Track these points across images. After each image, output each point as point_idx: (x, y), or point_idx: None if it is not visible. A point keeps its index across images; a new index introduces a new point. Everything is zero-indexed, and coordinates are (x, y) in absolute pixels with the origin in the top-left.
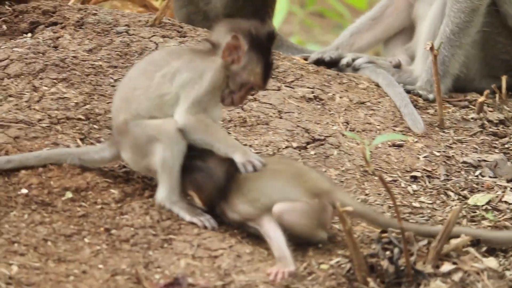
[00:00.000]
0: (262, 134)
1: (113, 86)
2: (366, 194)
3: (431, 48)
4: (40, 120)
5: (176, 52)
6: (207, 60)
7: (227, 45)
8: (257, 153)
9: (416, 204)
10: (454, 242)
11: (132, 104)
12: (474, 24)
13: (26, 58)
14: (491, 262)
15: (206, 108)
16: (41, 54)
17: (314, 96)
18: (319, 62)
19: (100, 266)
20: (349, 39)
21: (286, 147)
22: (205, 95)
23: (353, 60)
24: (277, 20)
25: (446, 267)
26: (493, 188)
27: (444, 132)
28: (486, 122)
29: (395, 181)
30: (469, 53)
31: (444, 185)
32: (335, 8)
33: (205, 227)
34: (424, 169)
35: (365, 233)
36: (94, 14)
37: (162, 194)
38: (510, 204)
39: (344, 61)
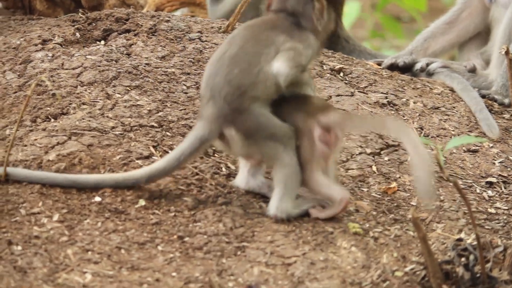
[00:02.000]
0: None
1: (186, 93)
2: (441, 200)
3: (506, 52)
4: (113, 127)
5: (271, 28)
6: (304, 34)
7: (319, 11)
8: None
9: (492, 210)
10: None
11: (250, 84)
12: None
13: (99, 66)
14: None
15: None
16: (114, 62)
17: (387, 101)
18: (393, 67)
19: (174, 274)
20: (424, 44)
21: (360, 153)
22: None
23: (427, 64)
24: (347, 24)
25: None
26: None
27: None
28: None
29: (470, 187)
30: None
31: None
32: (408, 12)
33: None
34: (499, 175)
35: (440, 240)
36: (167, 21)
37: (282, 206)
38: None
39: (418, 66)
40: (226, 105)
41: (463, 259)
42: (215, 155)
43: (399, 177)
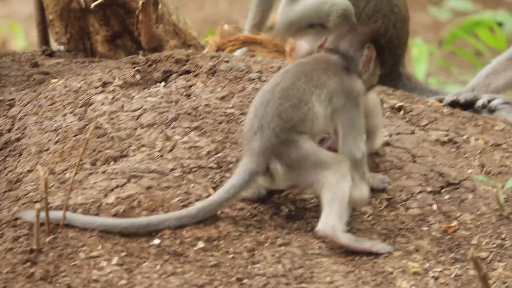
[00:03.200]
0: (396, 179)
1: None
2: (502, 239)
3: None
4: (172, 169)
5: (324, 68)
6: (353, 79)
7: (367, 57)
8: (389, 198)
9: None
10: None
11: (299, 120)
12: None
13: (158, 107)
14: None
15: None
16: (173, 103)
17: (448, 139)
18: (453, 104)
19: None
20: (485, 80)
21: (420, 192)
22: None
23: (489, 101)
24: (422, 65)
25: None
26: None
27: None
28: None
29: None
30: None
31: None
32: (475, 47)
33: (381, 253)
34: None
35: (501, 279)
36: (227, 62)
37: (330, 223)
38: None
39: (479, 103)
40: (274, 137)
41: None
42: (275, 195)
43: (460, 215)
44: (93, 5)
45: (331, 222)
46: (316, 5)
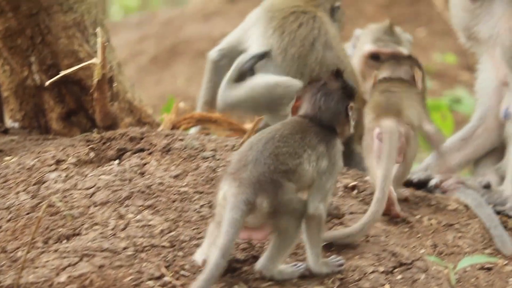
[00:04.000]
0: (349, 258)
1: (198, 212)
2: None
3: None
4: (125, 248)
5: (315, 132)
6: (336, 144)
7: (350, 117)
8: (342, 278)
9: None
10: None
11: (290, 168)
12: None
13: (112, 186)
14: None
15: None
16: (127, 181)
17: (401, 218)
18: (407, 183)
19: None
20: (439, 160)
21: (372, 272)
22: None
23: (442, 181)
24: None
25: None
26: None
27: None
28: None
29: None
30: None
31: None
32: None
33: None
34: None
35: None
36: (181, 140)
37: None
38: None
39: (432, 182)
40: (268, 173)
41: None
42: (228, 274)
43: None
44: (48, 82)
45: (272, 266)
46: (269, 88)
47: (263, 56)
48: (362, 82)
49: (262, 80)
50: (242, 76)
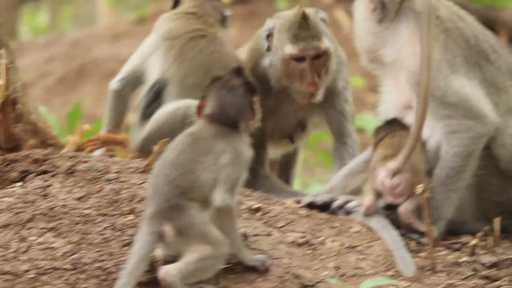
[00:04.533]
0: (251, 281)
1: (102, 234)
2: None
3: (422, 192)
4: (26, 271)
5: (211, 135)
6: (239, 137)
7: (253, 110)
8: None
9: None
10: None
11: (187, 187)
12: (469, 168)
13: (14, 208)
14: None
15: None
16: (30, 203)
17: (305, 241)
18: (311, 205)
19: None
20: (343, 182)
21: None
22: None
23: (346, 203)
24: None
25: None
26: None
27: (436, 275)
28: (478, 266)
29: None
30: (463, 195)
31: None
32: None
33: None
34: None
35: None
36: (85, 162)
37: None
38: None
39: (336, 204)
40: (164, 202)
41: None
42: None
43: None
44: None
45: (178, 276)
46: (170, 113)
47: (160, 88)
48: (286, 82)
49: (162, 110)
50: (148, 113)
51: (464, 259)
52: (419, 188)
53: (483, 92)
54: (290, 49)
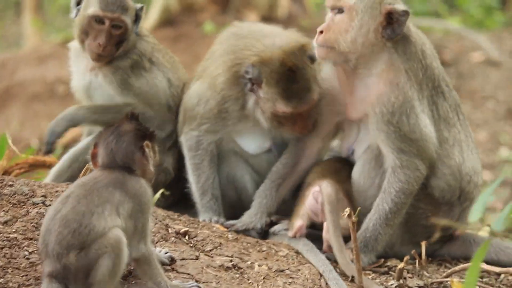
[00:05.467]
0: None
1: (28, 258)
2: None
3: (349, 215)
4: None
5: (104, 184)
6: (137, 184)
7: (150, 151)
8: None
9: None
10: None
11: (80, 243)
12: (407, 206)
13: None
14: None
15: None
16: None
17: (232, 264)
18: (239, 229)
19: None
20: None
21: None
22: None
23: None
24: None
25: None
26: None
27: None
28: None
29: None
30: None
31: None
32: None
33: None
34: None
35: None
36: (11, 185)
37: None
38: None
39: (258, 226)
40: (58, 263)
41: None
42: None
43: None
44: None
45: None
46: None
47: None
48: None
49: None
50: None
51: (392, 282)
52: (346, 211)
53: (436, 134)
54: (283, 108)
